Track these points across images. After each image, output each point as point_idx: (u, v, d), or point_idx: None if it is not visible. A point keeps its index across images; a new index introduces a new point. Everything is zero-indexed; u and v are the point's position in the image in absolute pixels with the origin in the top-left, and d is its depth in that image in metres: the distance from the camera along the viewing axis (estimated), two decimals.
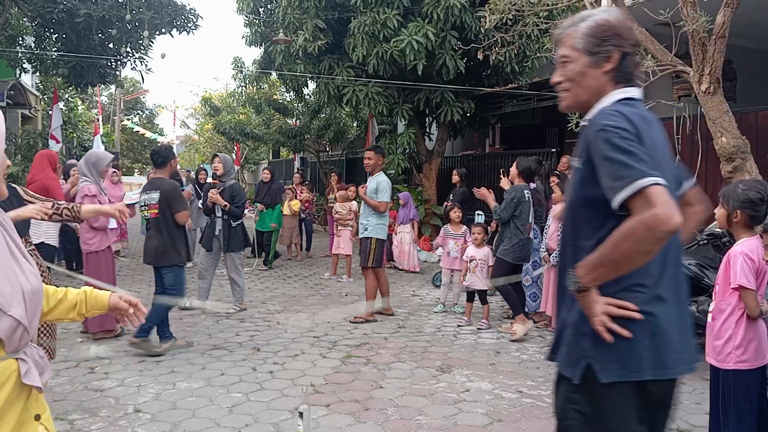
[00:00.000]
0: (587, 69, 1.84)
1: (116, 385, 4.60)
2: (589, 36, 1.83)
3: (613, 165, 1.66)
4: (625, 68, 1.84)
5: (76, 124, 21.71)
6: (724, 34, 5.64)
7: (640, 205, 1.61)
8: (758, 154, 6.45)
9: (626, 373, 1.71)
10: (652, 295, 1.74)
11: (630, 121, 1.71)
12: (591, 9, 7.19)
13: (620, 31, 1.83)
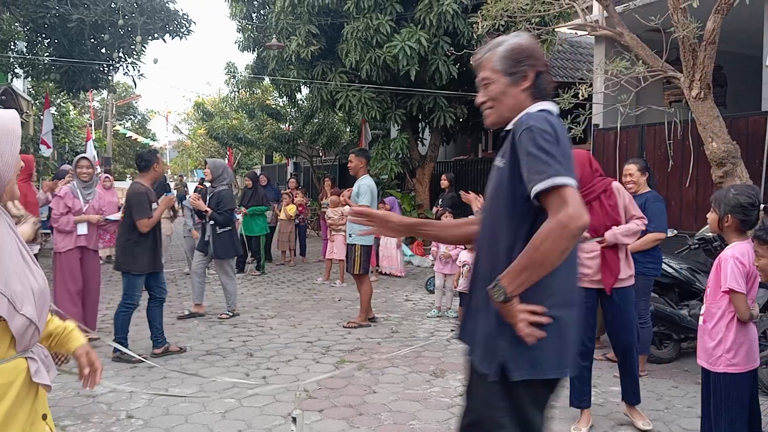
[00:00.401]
0: (507, 88, 2.00)
1: (108, 391, 4.57)
2: (506, 58, 1.99)
3: (535, 160, 1.80)
4: (541, 85, 2.01)
5: (68, 129, 21.63)
6: (714, 40, 5.69)
7: (554, 201, 1.76)
8: (748, 159, 6.50)
9: (535, 372, 1.86)
10: (560, 299, 1.89)
11: (552, 125, 1.87)
12: (582, 15, 7.26)
13: (533, 52, 2.00)
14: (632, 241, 4.01)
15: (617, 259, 3.92)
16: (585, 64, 13.50)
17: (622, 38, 6.39)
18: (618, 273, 3.92)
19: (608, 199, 3.93)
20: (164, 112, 37.48)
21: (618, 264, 3.92)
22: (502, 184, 1.94)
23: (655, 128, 8.60)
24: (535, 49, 2.01)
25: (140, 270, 5.41)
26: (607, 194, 3.94)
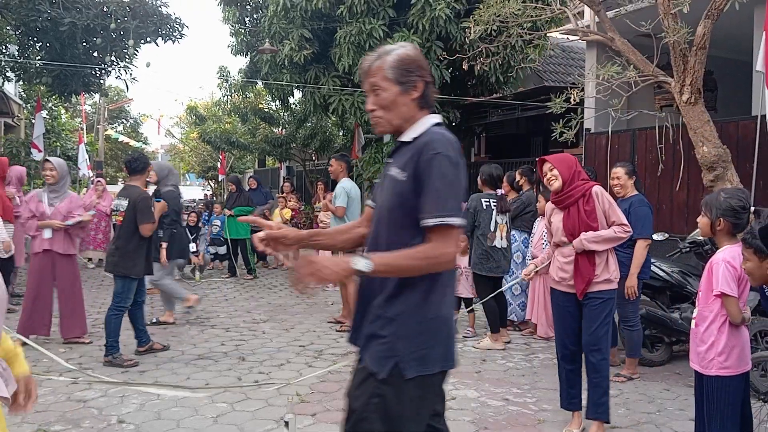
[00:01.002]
0: (398, 97, 2.05)
1: (99, 396, 4.55)
2: (397, 68, 2.04)
3: (436, 194, 1.91)
4: (428, 96, 2.09)
5: (60, 133, 21.50)
6: (705, 45, 5.73)
7: (440, 235, 1.91)
8: (739, 163, 6.54)
9: (424, 368, 1.97)
10: (445, 301, 2.05)
11: (455, 150, 1.98)
12: (574, 20, 7.29)
13: (421, 62, 2.08)
14: (605, 248, 3.86)
15: (589, 264, 3.84)
16: (576, 68, 13.58)
17: (614, 43, 6.43)
18: (590, 278, 3.83)
19: (585, 204, 3.89)
20: (156, 115, 37.39)
21: (590, 269, 3.83)
22: (403, 198, 1.99)
23: (646, 132, 8.65)
24: (423, 60, 2.09)
25: (138, 274, 5.42)
26: (585, 199, 3.90)
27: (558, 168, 3.92)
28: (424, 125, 2.06)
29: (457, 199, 1.95)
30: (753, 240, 2.54)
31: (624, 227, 3.89)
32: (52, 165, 5.92)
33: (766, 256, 2.53)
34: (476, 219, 6.07)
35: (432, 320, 1.99)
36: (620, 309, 5.05)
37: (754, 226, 2.57)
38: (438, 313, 2.01)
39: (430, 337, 1.99)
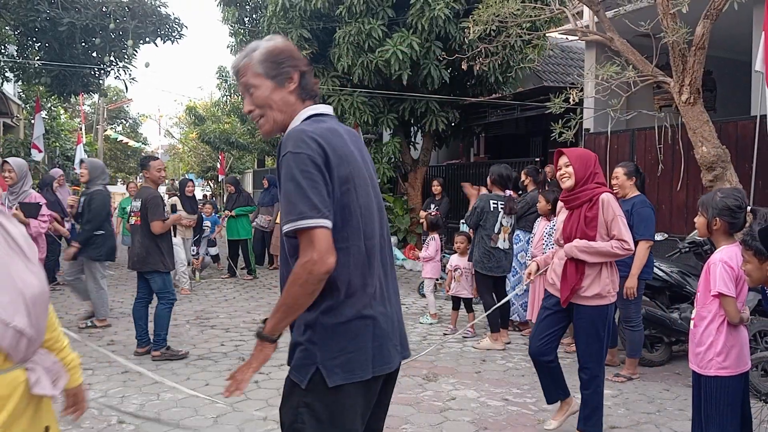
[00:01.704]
0: (273, 92, 1.94)
1: (99, 396, 4.55)
2: (266, 61, 1.93)
3: (287, 197, 1.80)
4: (307, 86, 1.98)
5: (59, 133, 21.51)
6: (704, 45, 5.73)
7: (302, 242, 1.78)
8: (738, 163, 6.55)
9: (351, 375, 1.85)
10: (366, 300, 1.89)
11: (316, 141, 1.81)
12: (573, 20, 7.30)
13: (292, 53, 1.97)
14: (596, 261, 3.63)
15: (576, 273, 3.65)
16: (576, 68, 13.57)
17: (613, 43, 6.43)
18: (574, 287, 3.66)
19: (588, 210, 3.70)
20: (156, 116, 37.38)
21: (575, 278, 3.65)
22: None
23: (645, 132, 8.65)
24: (293, 49, 1.99)
25: (167, 267, 5.62)
26: (590, 204, 3.71)
27: (574, 165, 3.73)
28: (296, 121, 1.94)
29: (313, 198, 1.76)
30: (753, 242, 2.53)
31: (623, 244, 3.62)
32: (10, 166, 5.83)
33: (766, 258, 2.53)
34: (482, 219, 6.10)
35: (349, 322, 1.86)
36: (623, 309, 5.06)
37: (753, 228, 2.55)
38: (357, 313, 1.87)
39: (350, 340, 1.85)
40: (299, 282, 1.78)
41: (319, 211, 1.77)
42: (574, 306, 3.73)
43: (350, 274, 1.86)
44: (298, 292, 1.79)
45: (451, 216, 11.27)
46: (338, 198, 1.83)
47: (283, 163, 1.82)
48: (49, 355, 1.76)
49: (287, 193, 1.79)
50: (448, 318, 7.10)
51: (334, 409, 1.85)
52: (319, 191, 1.78)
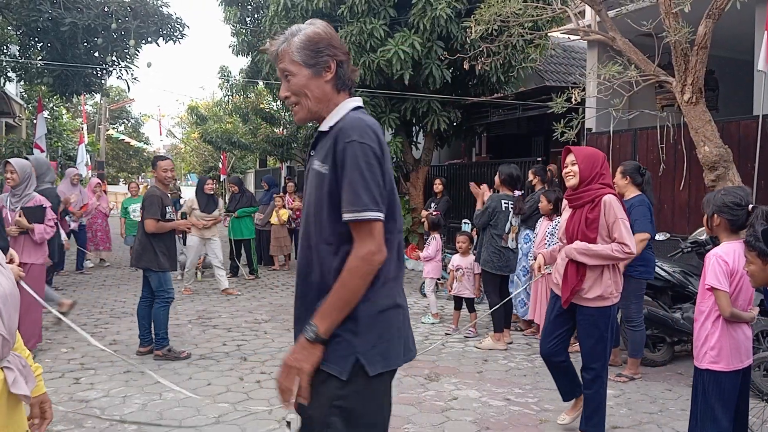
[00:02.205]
0: (310, 81, 1.92)
1: (101, 396, 4.56)
2: (304, 49, 1.91)
3: (351, 186, 1.80)
4: (344, 76, 1.95)
5: (61, 133, 21.54)
6: (706, 45, 5.73)
7: (360, 232, 1.81)
8: (740, 162, 6.54)
9: (387, 363, 1.88)
10: (398, 289, 1.96)
11: (377, 134, 1.86)
12: (575, 20, 7.29)
13: (331, 41, 1.93)
14: (595, 263, 3.62)
15: (576, 274, 3.65)
16: (578, 68, 13.57)
17: (615, 43, 6.43)
18: (574, 288, 3.66)
19: (590, 211, 3.68)
20: (157, 116, 37.39)
21: (575, 279, 3.65)
22: (325, 191, 1.88)
23: (647, 132, 8.64)
24: (333, 37, 1.95)
25: (161, 266, 5.57)
26: (591, 205, 3.69)
27: (580, 164, 3.72)
28: (341, 111, 1.93)
29: (374, 191, 1.81)
30: (756, 243, 2.52)
31: (624, 248, 3.59)
32: (12, 167, 5.55)
33: None
34: (492, 219, 6.11)
35: (383, 312, 1.89)
36: (624, 309, 5.05)
37: (756, 229, 2.54)
38: (389, 304, 1.91)
39: (386, 329, 1.89)
40: (359, 273, 1.80)
41: (377, 205, 1.81)
42: (576, 307, 3.72)
43: (390, 264, 1.89)
44: (358, 283, 1.80)
45: (453, 216, 11.27)
46: (387, 191, 1.88)
47: (348, 150, 1.81)
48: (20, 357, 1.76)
49: (352, 182, 1.79)
50: (449, 318, 7.10)
51: (373, 398, 1.88)
52: (378, 184, 1.82)
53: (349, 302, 1.82)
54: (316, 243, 1.91)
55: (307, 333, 1.82)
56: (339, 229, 1.85)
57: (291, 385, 1.83)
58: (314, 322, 1.82)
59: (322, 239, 1.89)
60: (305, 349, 1.82)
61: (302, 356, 1.82)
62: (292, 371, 1.82)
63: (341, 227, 1.84)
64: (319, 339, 1.81)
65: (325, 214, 1.88)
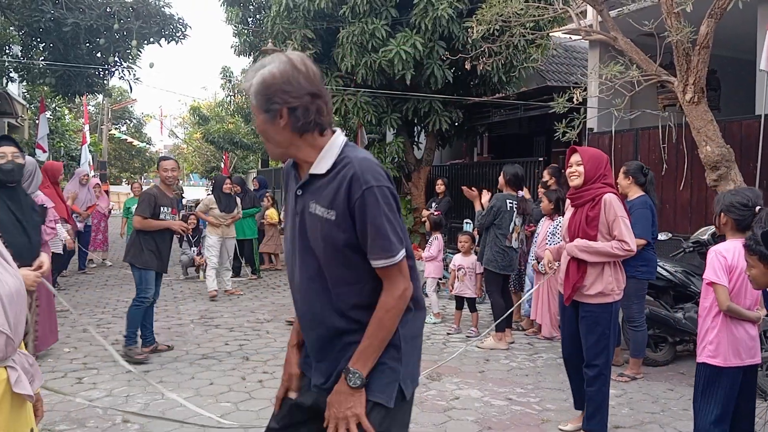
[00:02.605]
0: (267, 125, 1.84)
1: (104, 395, 4.57)
2: (258, 93, 1.82)
3: (378, 234, 1.79)
4: (297, 122, 1.81)
5: (63, 134, 21.58)
6: (708, 45, 5.72)
7: (393, 274, 1.83)
8: (742, 162, 6.54)
9: (414, 384, 1.95)
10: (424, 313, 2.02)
11: (385, 171, 1.85)
12: (576, 20, 7.29)
13: (284, 85, 1.79)
14: (596, 260, 3.67)
15: (577, 271, 3.70)
16: (579, 68, 13.57)
17: (616, 42, 6.43)
18: (575, 285, 3.70)
19: (591, 210, 3.72)
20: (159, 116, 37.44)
21: (576, 276, 3.69)
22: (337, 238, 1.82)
23: (649, 132, 8.64)
24: (289, 80, 1.79)
25: (144, 264, 5.50)
26: (592, 204, 3.74)
27: (585, 164, 3.77)
28: (332, 152, 1.84)
29: (398, 231, 1.83)
30: (756, 246, 2.51)
31: (624, 245, 3.65)
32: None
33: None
34: (497, 218, 6.11)
35: (420, 334, 1.98)
36: (625, 309, 5.05)
37: (756, 232, 2.54)
38: (421, 325, 2.00)
39: (417, 349, 1.98)
40: (396, 312, 1.83)
41: (402, 242, 1.84)
42: (579, 304, 3.76)
43: (417, 288, 1.94)
44: (395, 322, 1.84)
45: (454, 216, 11.26)
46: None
47: (367, 198, 1.77)
48: (27, 356, 1.77)
49: (380, 228, 1.79)
50: (451, 317, 7.10)
51: (405, 420, 1.96)
52: (399, 222, 1.85)
53: (386, 340, 1.85)
54: (336, 287, 1.87)
55: (352, 380, 1.80)
56: (362, 270, 1.86)
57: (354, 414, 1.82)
58: (356, 368, 1.81)
59: (344, 281, 1.87)
60: (352, 395, 1.82)
61: (353, 403, 1.82)
62: (351, 419, 1.81)
63: (364, 267, 1.85)
64: (364, 383, 1.82)
65: (342, 258, 1.84)
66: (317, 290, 1.90)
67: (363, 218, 1.78)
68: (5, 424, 1.64)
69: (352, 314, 1.87)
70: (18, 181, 3.21)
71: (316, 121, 1.83)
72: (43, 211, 5.58)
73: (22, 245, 3.14)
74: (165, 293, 8.77)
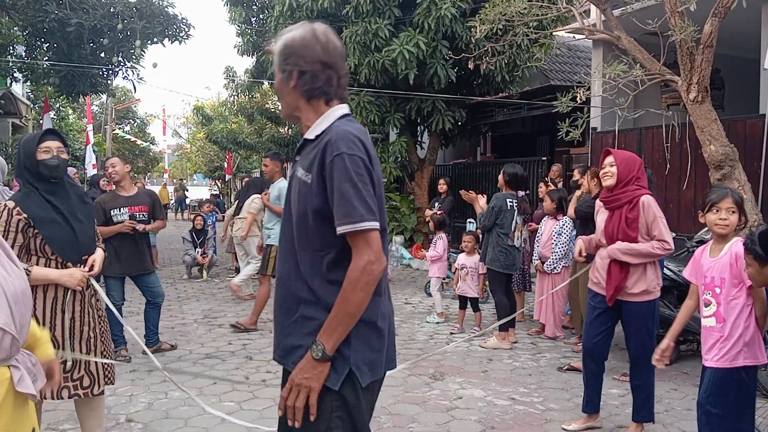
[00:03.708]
0: (282, 85, 1.98)
1: (108, 395, 4.56)
2: (279, 54, 1.97)
3: (343, 198, 1.80)
4: (305, 86, 1.93)
5: (67, 134, 21.62)
6: (712, 44, 5.71)
7: (358, 243, 1.80)
8: (746, 161, 6.53)
9: (375, 374, 1.91)
10: (385, 299, 1.97)
11: (364, 144, 1.86)
12: (580, 19, 7.28)
13: (299, 50, 1.93)
14: (638, 261, 3.78)
15: (620, 273, 3.79)
16: (583, 67, 13.54)
17: (620, 42, 6.42)
18: (619, 286, 3.79)
19: (629, 212, 3.80)
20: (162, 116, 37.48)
21: (620, 277, 3.79)
22: (309, 201, 1.87)
23: (653, 131, 8.63)
24: (305, 46, 1.93)
25: (103, 272, 5.26)
26: (630, 206, 3.80)
27: (618, 166, 3.83)
28: (327, 120, 1.93)
29: (368, 201, 1.81)
30: (753, 246, 2.52)
31: (664, 245, 3.75)
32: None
33: (766, 262, 2.52)
34: (498, 218, 6.11)
35: (377, 321, 1.90)
36: None
37: (754, 231, 2.55)
38: (382, 312, 1.92)
39: (377, 338, 1.91)
40: (361, 285, 1.79)
41: (373, 214, 1.81)
42: (622, 303, 3.86)
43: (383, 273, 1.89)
44: (360, 296, 1.80)
45: (457, 215, 11.26)
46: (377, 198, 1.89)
47: (336, 163, 1.81)
48: (30, 356, 1.78)
49: (345, 194, 1.79)
50: (454, 317, 7.10)
51: (360, 409, 1.88)
52: (370, 193, 1.83)
53: (353, 315, 1.81)
54: (300, 250, 1.91)
55: (314, 352, 1.81)
56: (327, 238, 1.86)
57: (300, 403, 1.82)
58: (320, 339, 1.81)
59: (309, 246, 1.89)
60: (313, 367, 1.82)
61: (311, 375, 1.82)
62: (303, 390, 1.82)
63: (329, 235, 1.84)
64: (326, 357, 1.81)
65: (310, 222, 1.87)
66: (288, 251, 1.96)
67: (331, 183, 1.81)
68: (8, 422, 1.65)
69: (313, 284, 1.87)
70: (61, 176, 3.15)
71: (323, 90, 1.94)
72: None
73: (65, 241, 3.09)
74: (169, 293, 8.79)
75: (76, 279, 3.05)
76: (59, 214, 3.08)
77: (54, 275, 3.00)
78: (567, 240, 6.24)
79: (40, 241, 3.02)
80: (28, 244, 3.01)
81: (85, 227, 3.20)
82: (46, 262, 3.05)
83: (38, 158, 3.07)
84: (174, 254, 12.67)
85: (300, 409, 1.82)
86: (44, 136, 3.15)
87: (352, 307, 1.80)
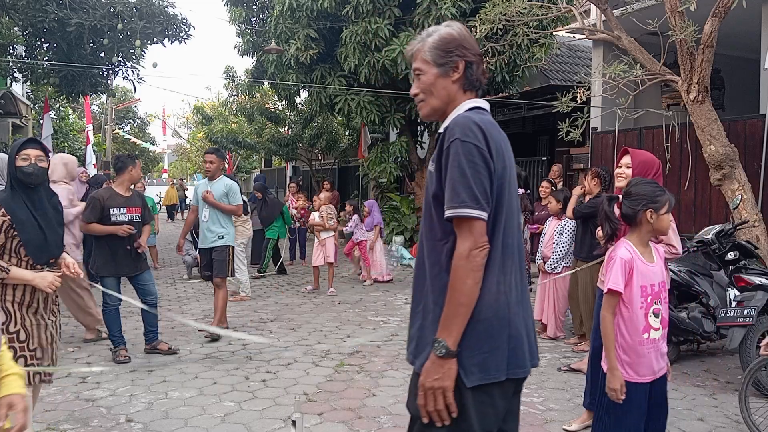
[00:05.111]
0: (437, 79, 1.98)
1: (108, 395, 4.57)
2: (436, 49, 1.97)
3: (451, 183, 1.82)
4: (471, 76, 1.99)
5: (68, 134, 21.63)
6: (712, 44, 5.71)
7: (461, 229, 1.82)
8: (747, 161, 6.52)
9: (487, 376, 1.82)
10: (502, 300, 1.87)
11: (483, 131, 1.86)
12: (580, 19, 7.27)
13: (463, 42, 1.98)
14: None
15: None
16: (583, 67, 13.52)
17: (620, 42, 6.42)
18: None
19: None
20: (162, 116, 37.50)
21: None
22: (433, 189, 1.93)
23: (653, 131, 8.62)
24: (466, 39, 1.99)
25: (98, 271, 5.47)
26: None
27: (633, 168, 3.79)
28: (458, 112, 1.96)
29: (475, 189, 1.80)
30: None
31: (671, 249, 3.70)
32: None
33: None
34: None
35: (485, 321, 1.82)
36: None
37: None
38: (493, 312, 1.84)
39: (487, 339, 1.83)
40: (463, 272, 1.78)
41: (478, 203, 1.80)
42: None
43: (488, 271, 1.84)
44: (467, 282, 1.78)
45: None
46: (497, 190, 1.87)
47: (451, 149, 1.84)
48: None
49: (452, 179, 1.82)
50: None
51: (469, 411, 1.81)
52: (481, 182, 1.82)
53: (465, 305, 1.79)
54: (426, 239, 1.95)
55: (437, 350, 1.78)
56: (445, 226, 1.88)
57: (440, 406, 1.78)
58: (440, 337, 1.79)
59: (432, 236, 1.93)
60: (441, 366, 1.79)
61: (440, 374, 1.79)
62: (437, 392, 1.79)
63: (446, 224, 1.86)
64: (450, 353, 1.78)
65: (432, 211, 1.93)
66: (421, 243, 2.00)
67: (446, 170, 1.85)
68: None
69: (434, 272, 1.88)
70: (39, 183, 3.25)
71: (479, 81, 2.02)
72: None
73: (37, 245, 3.19)
74: (169, 293, 8.79)
75: (47, 281, 3.15)
76: (35, 219, 3.18)
77: (29, 276, 3.10)
78: (568, 240, 6.24)
79: (17, 242, 3.11)
80: (5, 245, 3.09)
81: (55, 233, 3.31)
82: (18, 263, 3.13)
83: (16, 165, 3.18)
84: (174, 254, 12.66)
85: (441, 412, 1.79)
86: (24, 144, 3.26)
87: (460, 296, 1.78)
